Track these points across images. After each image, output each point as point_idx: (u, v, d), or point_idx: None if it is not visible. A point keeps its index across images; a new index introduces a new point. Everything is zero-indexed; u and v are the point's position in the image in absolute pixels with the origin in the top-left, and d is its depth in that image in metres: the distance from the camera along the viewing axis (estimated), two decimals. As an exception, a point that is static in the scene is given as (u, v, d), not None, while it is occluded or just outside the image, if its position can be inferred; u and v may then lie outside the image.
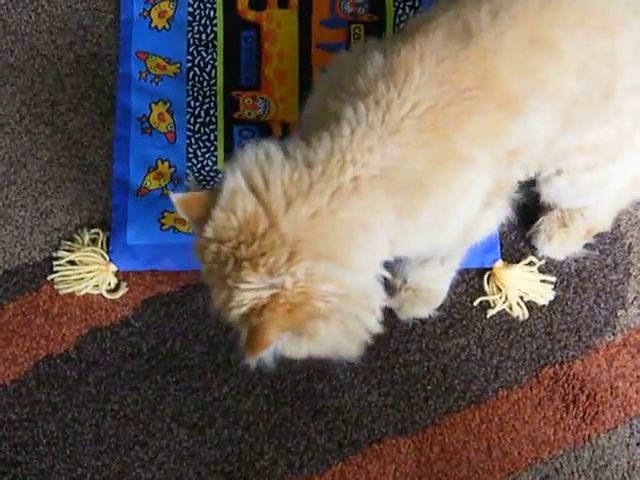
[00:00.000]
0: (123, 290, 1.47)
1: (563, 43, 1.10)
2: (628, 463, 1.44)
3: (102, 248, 1.48)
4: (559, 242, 1.48)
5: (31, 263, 1.50)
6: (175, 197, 1.11)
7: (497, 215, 1.25)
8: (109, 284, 1.47)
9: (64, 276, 1.47)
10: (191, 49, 1.57)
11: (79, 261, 1.47)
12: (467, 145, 1.08)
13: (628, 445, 1.45)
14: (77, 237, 1.50)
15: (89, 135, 1.56)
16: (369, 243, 1.08)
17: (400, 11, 1.60)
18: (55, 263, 1.49)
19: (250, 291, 1.04)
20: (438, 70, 1.07)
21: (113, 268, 1.47)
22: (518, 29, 1.08)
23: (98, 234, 1.49)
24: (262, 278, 1.04)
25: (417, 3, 1.61)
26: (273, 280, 1.03)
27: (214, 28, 1.58)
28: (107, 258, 1.47)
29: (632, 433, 1.46)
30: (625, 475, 1.44)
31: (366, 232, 1.07)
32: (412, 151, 1.06)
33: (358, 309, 1.11)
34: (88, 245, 1.48)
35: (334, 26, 1.59)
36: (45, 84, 1.58)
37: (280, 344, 1.09)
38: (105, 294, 1.47)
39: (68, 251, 1.49)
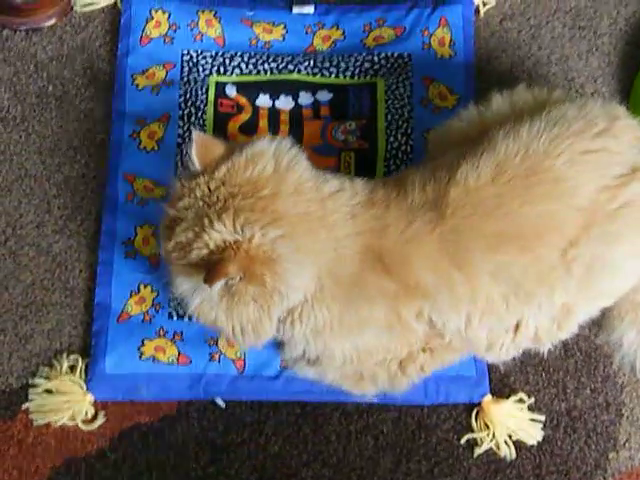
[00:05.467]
0: (100, 420, 1.55)
1: (477, 271, 1.32)
2: None
3: (80, 376, 1.56)
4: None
5: (7, 390, 1.58)
6: (197, 134, 1.31)
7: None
8: (86, 414, 1.55)
9: (40, 405, 1.55)
10: (179, 172, 1.68)
11: (56, 390, 1.55)
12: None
13: None
14: (55, 363, 1.58)
15: (73, 258, 1.67)
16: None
17: (392, 138, 1.78)
18: (31, 391, 1.57)
19: (220, 234, 1.24)
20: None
21: (91, 398, 1.55)
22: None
23: (77, 361, 1.58)
24: (235, 228, 1.24)
25: (409, 130, 1.78)
26: (243, 232, 1.24)
27: (203, 151, 1.75)
28: (85, 387, 1.55)
29: None
30: None
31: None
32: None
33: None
34: (66, 373, 1.57)
35: (325, 153, 1.74)
36: (32, 204, 1.70)
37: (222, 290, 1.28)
38: (81, 425, 1.55)
39: (45, 378, 1.57)
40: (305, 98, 1.80)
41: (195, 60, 1.79)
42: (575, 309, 1.41)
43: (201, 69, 1.79)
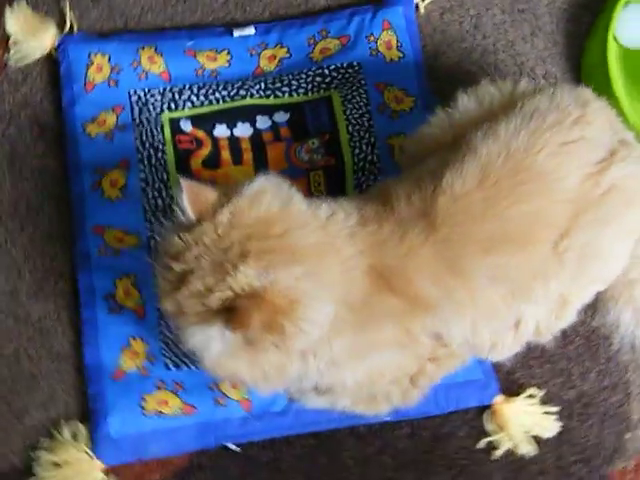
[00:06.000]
0: None
1: (475, 275, 1.32)
2: None
3: (85, 443, 1.52)
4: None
5: (10, 471, 1.54)
6: (186, 183, 1.27)
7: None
8: None
9: None
10: (148, 216, 1.66)
11: (63, 462, 1.51)
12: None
13: None
14: (57, 434, 1.54)
15: (54, 321, 1.62)
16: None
17: (357, 150, 1.77)
18: (36, 468, 1.52)
19: (246, 278, 1.20)
20: None
21: (99, 464, 1.51)
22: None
23: (78, 427, 1.54)
24: (259, 272, 1.20)
25: (372, 139, 1.77)
26: (268, 274, 1.20)
27: (169, 191, 1.72)
28: (92, 454, 1.51)
29: None
30: None
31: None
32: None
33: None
34: (70, 442, 1.53)
35: (293, 176, 1.70)
36: (1, 277, 1.67)
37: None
38: None
39: (49, 451, 1.53)
40: (263, 122, 1.78)
41: (144, 99, 1.76)
42: (571, 298, 1.42)
43: (152, 107, 1.75)
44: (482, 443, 1.61)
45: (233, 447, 1.57)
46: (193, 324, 1.25)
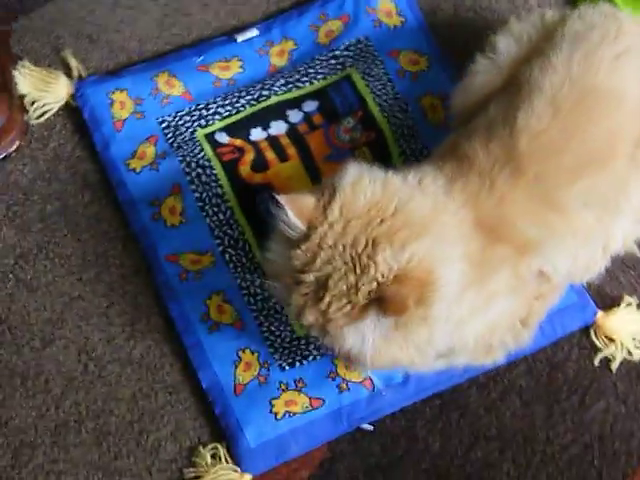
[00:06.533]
0: None
1: (570, 204, 1.38)
2: None
3: (227, 461, 1.56)
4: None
5: None
6: (284, 198, 1.27)
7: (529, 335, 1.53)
8: None
9: None
10: (216, 232, 1.70)
11: (213, 484, 1.52)
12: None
13: None
14: (198, 460, 1.56)
15: (158, 356, 1.64)
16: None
17: (392, 119, 1.82)
18: None
19: (385, 263, 1.23)
20: None
21: (248, 477, 1.54)
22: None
23: (217, 448, 1.56)
24: (395, 254, 1.23)
25: (404, 105, 1.81)
26: (403, 255, 1.23)
27: (228, 204, 1.75)
28: (237, 469, 1.54)
29: None
30: None
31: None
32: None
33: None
34: (213, 465, 1.55)
35: (339, 158, 1.76)
36: (91, 324, 1.68)
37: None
38: None
39: (196, 478, 1.56)
40: (294, 116, 1.81)
41: (175, 123, 1.79)
42: None
43: (184, 129, 1.78)
44: (597, 360, 1.64)
45: (367, 427, 1.61)
46: (344, 325, 1.27)
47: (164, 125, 1.80)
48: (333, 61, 1.86)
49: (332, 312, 1.26)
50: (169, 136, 1.78)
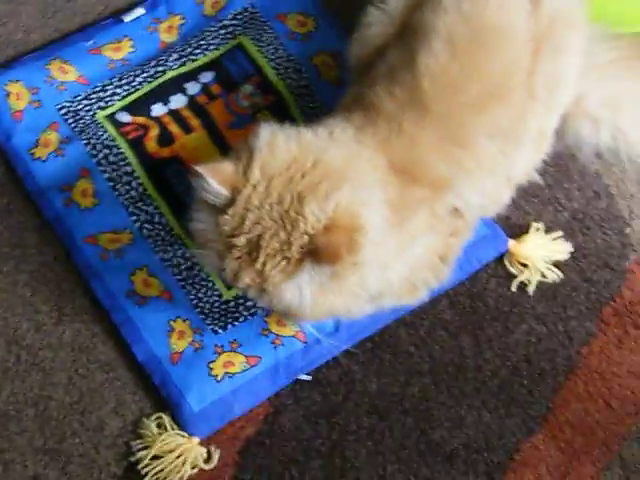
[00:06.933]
0: (217, 453, 1.57)
1: (475, 138, 1.45)
2: None
3: (172, 428, 1.58)
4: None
5: None
6: (201, 167, 1.29)
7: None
8: (202, 456, 1.58)
9: (158, 473, 1.56)
10: (130, 209, 1.71)
11: (163, 452, 1.56)
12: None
13: None
14: (143, 431, 1.59)
15: (89, 337, 1.66)
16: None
17: (289, 80, 1.85)
18: (140, 467, 1.57)
19: (313, 215, 1.28)
20: None
21: (196, 440, 1.57)
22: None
23: (161, 417, 1.59)
24: (321, 205, 1.28)
25: (297, 66, 1.85)
26: (328, 205, 1.27)
27: (139, 181, 1.77)
28: (185, 434, 1.57)
29: None
30: None
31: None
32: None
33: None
34: (160, 433, 1.58)
35: (242, 124, 1.79)
36: (17, 314, 1.70)
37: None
38: (204, 466, 1.57)
39: (145, 448, 1.58)
40: (192, 88, 1.84)
41: (74, 109, 1.80)
42: (546, 129, 1.58)
43: (84, 113, 1.79)
44: (514, 286, 1.73)
45: (305, 377, 1.66)
46: (281, 282, 1.30)
47: (63, 111, 1.81)
48: (223, 31, 1.89)
49: (268, 270, 1.29)
50: (70, 121, 1.79)
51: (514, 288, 1.73)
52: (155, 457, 1.58)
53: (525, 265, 1.75)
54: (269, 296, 1.33)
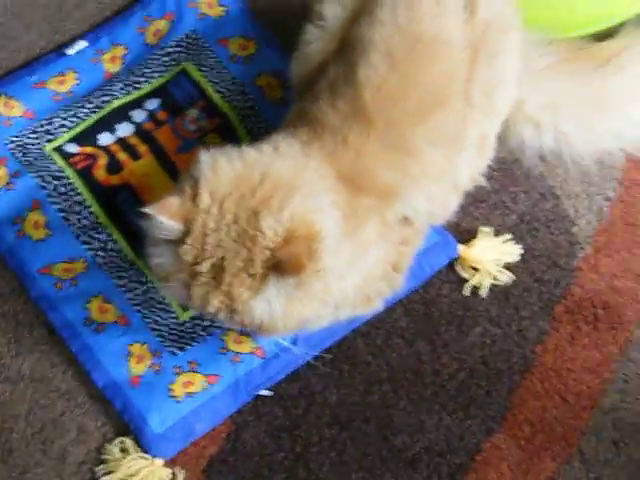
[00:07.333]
0: (181, 474, 1.60)
1: (419, 146, 1.49)
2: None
3: (136, 451, 1.60)
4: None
5: None
6: (152, 208, 1.31)
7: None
8: (167, 477, 1.59)
9: None
10: (83, 238, 1.73)
11: (127, 475, 1.57)
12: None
13: (661, 322, 1.74)
14: (106, 457, 1.60)
15: (47, 367, 1.68)
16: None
17: (234, 103, 1.89)
18: None
19: (270, 230, 1.30)
20: None
21: (160, 461, 1.59)
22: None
23: (123, 442, 1.60)
24: (276, 218, 1.31)
25: (241, 87, 1.89)
26: (283, 217, 1.30)
27: (90, 210, 1.78)
28: (148, 456, 1.59)
29: (655, 311, 1.75)
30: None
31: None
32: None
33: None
34: (123, 457, 1.59)
35: (190, 148, 1.83)
36: None
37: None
38: None
39: (109, 473, 1.59)
40: (138, 115, 1.87)
41: (21, 143, 1.82)
42: (488, 134, 1.63)
43: (32, 147, 1.82)
44: (466, 290, 1.77)
45: (265, 392, 1.68)
46: (250, 299, 1.33)
47: (11, 146, 1.83)
48: (166, 58, 1.93)
49: (235, 290, 1.32)
50: (18, 155, 1.82)
51: (467, 292, 1.77)
52: (120, 480, 1.57)
53: (476, 269, 1.78)
54: (240, 315, 1.35)
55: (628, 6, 1.94)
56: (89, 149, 1.83)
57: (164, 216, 1.32)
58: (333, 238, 1.37)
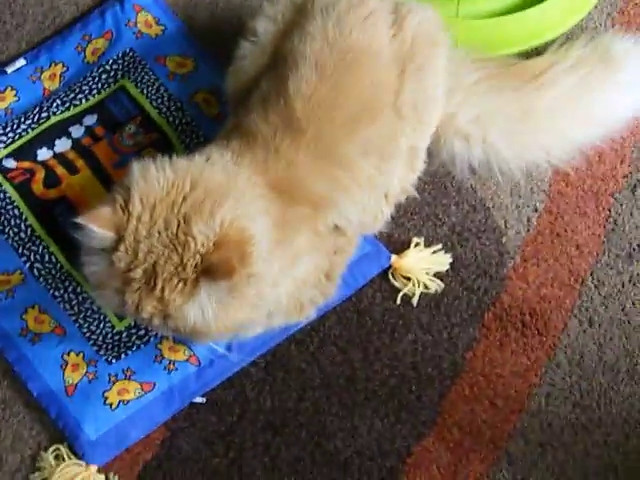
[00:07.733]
0: None
1: (350, 156, 1.54)
2: (594, 343, 1.84)
3: (70, 458, 1.63)
4: None
5: None
6: (82, 217, 1.35)
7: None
8: None
9: None
10: (20, 251, 1.76)
11: (62, 482, 1.57)
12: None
13: (584, 331, 1.83)
14: (41, 464, 1.63)
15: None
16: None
17: (171, 118, 1.93)
18: None
19: (201, 234, 1.34)
20: None
21: (94, 468, 1.61)
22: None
23: (58, 449, 1.63)
24: (207, 223, 1.34)
25: (178, 104, 1.92)
26: (215, 222, 1.33)
27: (27, 223, 1.82)
28: (82, 463, 1.61)
29: (580, 320, 1.84)
30: (600, 353, 1.82)
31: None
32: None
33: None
34: (57, 464, 1.61)
35: (127, 163, 1.90)
36: None
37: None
38: None
39: (44, 480, 1.60)
40: (76, 131, 1.91)
41: (-42, 158, 1.85)
42: (417, 146, 1.69)
43: (-31, 162, 1.85)
44: (398, 299, 1.81)
45: (199, 400, 1.71)
46: (182, 304, 1.36)
47: (-52, 161, 1.85)
48: (104, 76, 1.97)
49: (167, 295, 1.35)
50: (-44, 171, 1.84)
51: (399, 301, 1.81)
52: (55, 489, 1.59)
53: (408, 278, 1.82)
54: (174, 320, 1.38)
55: (557, 27, 2.02)
56: (27, 164, 1.87)
57: (95, 225, 1.35)
58: (265, 244, 1.40)
